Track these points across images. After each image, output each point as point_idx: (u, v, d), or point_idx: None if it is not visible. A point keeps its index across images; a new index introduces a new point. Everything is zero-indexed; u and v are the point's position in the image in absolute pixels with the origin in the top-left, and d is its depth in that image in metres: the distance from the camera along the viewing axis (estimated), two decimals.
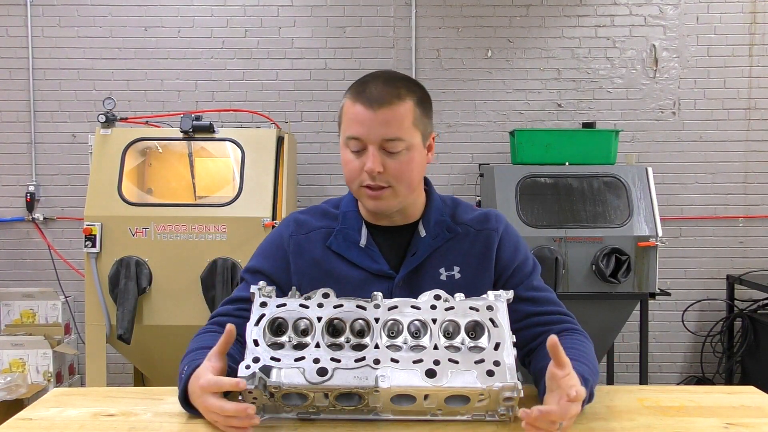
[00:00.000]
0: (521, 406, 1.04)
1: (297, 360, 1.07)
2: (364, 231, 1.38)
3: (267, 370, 1.05)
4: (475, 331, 1.12)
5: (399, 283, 1.34)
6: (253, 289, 1.17)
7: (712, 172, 4.19)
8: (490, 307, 1.14)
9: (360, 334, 1.12)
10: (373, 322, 1.12)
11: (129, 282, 3.06)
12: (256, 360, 1.07)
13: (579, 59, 4.18)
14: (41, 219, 4.14)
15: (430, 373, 1.05)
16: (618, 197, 3.41)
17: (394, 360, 1.07)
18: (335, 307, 1.14)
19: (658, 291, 3.33)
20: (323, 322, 1.12)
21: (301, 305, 1.14)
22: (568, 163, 3.48)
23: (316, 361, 1.06)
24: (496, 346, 1.09)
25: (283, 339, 1.11)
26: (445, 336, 1.11)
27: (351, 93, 1.31)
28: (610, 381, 3.86)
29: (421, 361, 1.07)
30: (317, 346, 1.09)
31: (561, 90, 4.18)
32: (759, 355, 3.86)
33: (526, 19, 4.18)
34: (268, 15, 4.17)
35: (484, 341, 1.10)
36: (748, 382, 3.74)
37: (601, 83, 4.18)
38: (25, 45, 4.13)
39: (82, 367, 3.88)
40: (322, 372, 1.05)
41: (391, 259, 1.37)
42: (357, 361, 1.07)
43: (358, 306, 1.14)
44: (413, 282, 1.34)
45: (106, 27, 4.15)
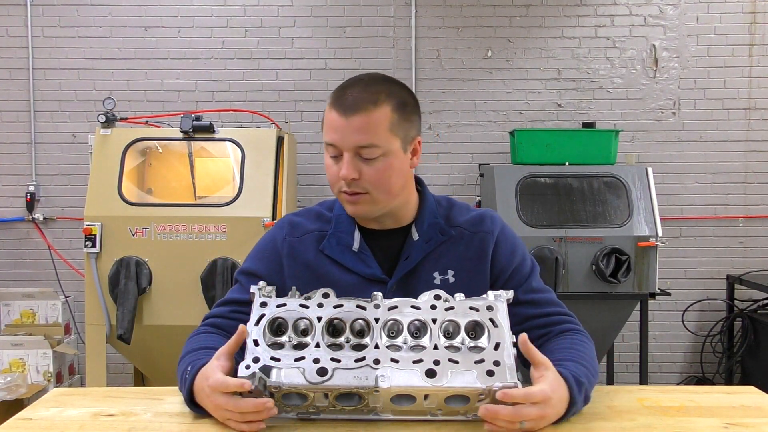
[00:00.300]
0: None
1: (297, 360, 1.07)
2: (357, 235, 1.36)
3: (267, 370, 1.05)
4: (475, 331, 1.12)
5: (392, 288, 1.32)
6: (253, 289, 1.17)
7: (712, 172, 4.19)
8: (490, 307, 1.14)
9: (360, 334, 1.12)
10: (373, 322, 1.12)
11: (129, 282, 3.06)
12: (256, 360, 1.07)
13: (579, 59, 4.18)
14: (41, 219, 4.14)
15: (430, 373, 1.05)
16: (618, 197, 3.41)
17: (394, 360, 1.07)
18: (335, 307, 1.14)
19: (658, 291, 3.33)
20: (323, 322, 1.12)
21: (301, 305, 1.14)
22: (568, 163, 3.49)
23: (316, 361, 1.06)
24: (496, 346, 1.09)
25: (283, 339, 1.11)
26: (445, 336, 1.11)
27: (331, 98, 1.30)
28: (610, 381, 3.86)
29: (421, 361, 1.07)
30: (317, 346, 1.09)
31: (561, 90, 4.18)
32: (759, 355, 3.86)
33: (526, 19, 4.18)
34: (268, 15, 4.17)
35: (484, 341, 1.10)
36: (748, 382, 3.74)
37: (601, 83, 4.18)
38: (25, 45, 4.13)
39: (82, 367, 3.88)
40: (322, 372, 1.05)
41: (384, 264, 1.35)
42: (357, 361, 1.07)
43: (358, 306, 1.14)
44: (407, 286, 1.32)
45: (106, 27, 4.15)
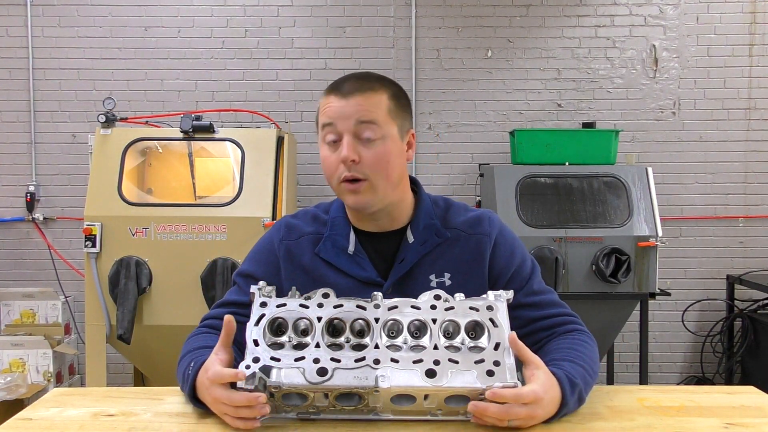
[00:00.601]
0: None
1: (297, 360, 1.07)
2: (353, 237, 1.36)
3: (267, 370, 1.05)
4: (475, 331, 1.12)
5: (388, 291, 1.31)
6: (253, 289, 1.17)
7: (712, 172, 4.19)
8: (490, 307, 1.14)
9: (360, 334, 1.12)
10: (373, 322, 1.12)
11: (129, 282, 3.06)
12: (256, 360, 1.07)
13: (579, 59, 4.18)
14: (41, 219, 4.14)
15: (430, 373, 1.05)
16: (618, 197, 3.41)
17: (394, 360, 1.07)
18: (335, 307, 1.14)
19: (658, 291, 3.33)
20: (323, 322, 1.12)
21: (301, 305, 1.14)
22: (568, 163, 3.48)
23: (316, 361, 1.06)
24: (496, 346, 1.09)
25: (283, 339, 1.11)
26: (445, 336, 1.11)
27: (325, 91, 1.33)
28: (610, 381, 3.86)
29: (421, 361, 1.07)
30: (317, 346, 1.09)
31: (561, 90, 4.18)
32: (759, 355, 3.86)
33: (526, 19, 4.18)
34: (268, 15, 4.17)
35: (484, 341, 1.10)
36: (748, 382, 3.74)
37: (601, 83, 4.18)
38: (25, 45, 4.13)
39: (82, 367, 3.88)
40: (322, 372, 1.05)
41: (379, 266, 1.34)
42: (357, 361, 1.06)
43: (358, 306, 1.14)
44: (402, 289, 1.31)
45: (106, 27, 4.15)
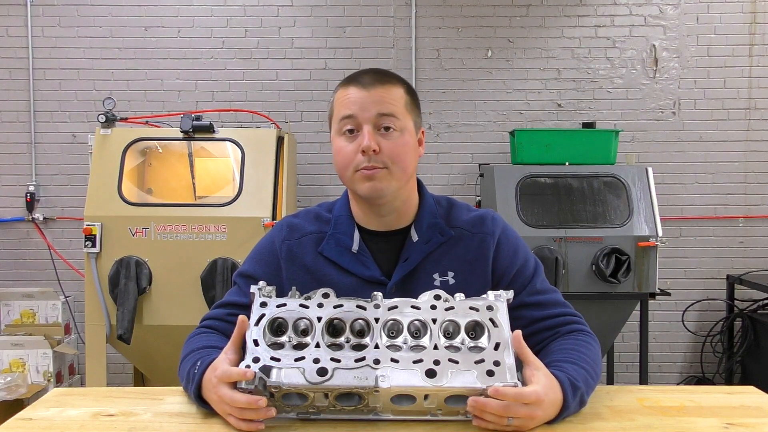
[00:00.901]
0: None
1: (297, 360, 1.07)
2: (357, 236, 1.35)
3: (267, 370, 1.05)
4: (475, 331, 1.12)
5: (391, 290, 1.31)
6: (253, 289, 1.17)
7: (712, 172, 4.19)
8: (490, 307, 1.14)
9: (360, 334, 1.12)
10: (373, 322, 1.12)
11: (129, 282, 3.06)
12: (256, 360, 1.07)
13: (579, 59, 4.18)
14: (41, 219, 4.14)
15: (430, 373, 1.05)
16: (618, 197, 3.41)
17: (394, 360, 1.07)
18: (335, 307, 1.14)
19: (658, 291, 3.33)
20: (323, 322, 1.12)
21: (301, 305, 1.14)
22: (568, 163, 3.48)
23: (316, 361, 1.06)
24: (496, 346, 1.09)
25: (283, 339, 1.11)
26: (445, 336, 1.11)
27: (342, 84, 1.34)
28: (610, 381, 3.85)
29: (421, 361, 1.07)
30: (317, 346, 1.09)
31: (561, 90, 4.18)
32: (759, 355, 3.86)
33: (526, 19, 4.18)
34: (268, 15, 4.17)
35: (484, 341, 1.10)
36: (748, 382, 3.74)
37: (601, 83, 4.18)
38: (25, 45, 4.13)
39: (82, 367, 3.88)
40: (322, 372, 1.05)
41: (383, 265, 1.34)
42: (357, 361, 1.06)
43: (358, 306, 1.14)
44: (406, 288, 1.31)
45: (106, 27, 4.15)
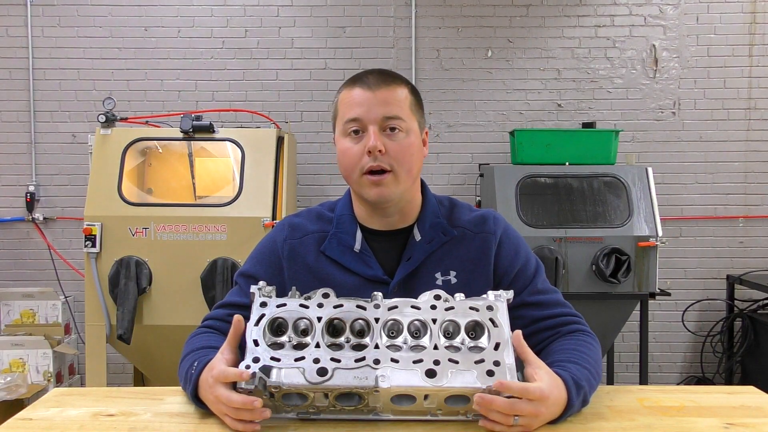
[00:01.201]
0: None
1: (297, 360, 1.07)
2: (359, 235, 1.36)
3: (267, 370, 1.05)
4: (475, 331, 1.12)
5: (394, 289, 1.32)
6: (253, 289, 1.16)
7: (712, 172, 4.19)
8: (490, 307, 1.14)
9: (360, 334, 1.11)
10: (373, 322, 1.12)
11: (129, 282, 3.06)
12: (256, 360, 1.07)
13: (579, 59, 4.18)
14: (41, 219, 4.14)
15: (430, 373, 1.05)
16: (618, 197, 3.41)
17: (394, 360, 1.07)
18: (335, 307, 1.14)
19: (658, 291, 3.33)
20: (323, 322, 1.12)
21: (301, 305, 1.14)
22: (568, 163, 3.48)
23: (316, 361, 1.06)
24: (496, 346, 1.09)
25: (283, 339, 1.11)
26: (445, 336, 1.11)
27: (346, 85, 1.33)
28: (610, 381, 3.85)
29: (421, 361, 1.07)
30: (317, 346, 1.09)
31: (561, 90, 4.18)
32: (759, 355, 3.86)
33: (526, 19, 4.18)
34: (268, 15, 4.17)
35: (484, 341, 1.10)
36: (748, 382, 3.74)
37: (601, 83, 4.18)
38: (25, 45, 4.13)
39: (82, 367, 3.88)
40: (322, 372, 1.05)
41: (386, 264, 1.35)
42: (357, 361, 1.06)
43: (358, 306, 1.14)
44: (409, 287, 1.31)
45: (106, 27, 4.15)
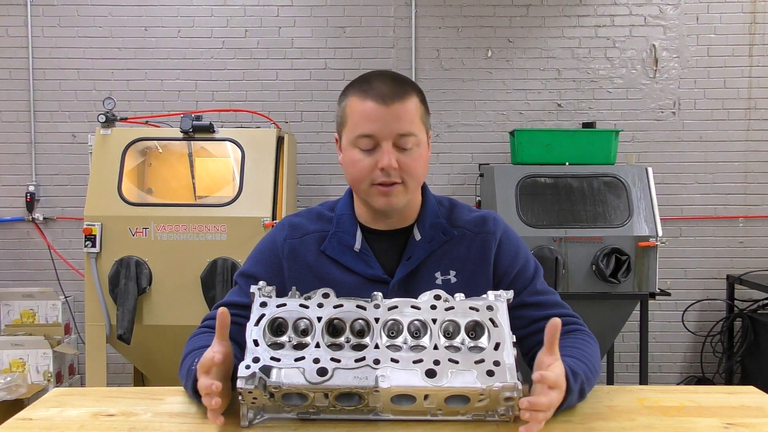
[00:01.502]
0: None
1: (297, 360, 1.07)
2: (359, 235, 1.36)
3: (267, 370, 1.05)
4: (475, 331, 1.12)
5: (394, 288, 1.32)
6: (253, 289, 1.16)
7: (712, 172, 4.19)
8: (490, 307, 1.14)
9: (360, 334, 1.11)
10: (373, 322, 1.12)
11: (129, 282, 3.06)
12: (256, 360, 1.06)
13: (579, 59, 4.18)
14: (41, 219, 4.14)
15: (430, 373, 1.05)
16: (618, 197, 3.41)
17: (394, 360, 1.07)
18: (335, 307, 1.14)
19: (658, 291, 3.33)
20: (323, 322, 1.12)
21: (301, 305, 1.14)
22: (568, 163, 3.48)
23: (316, 361, 1.06)
24: (496, 346, 1.09)
25: (283, 339, 1.11)
26: (445, 336, 1.11)
27: (356, 91, 1.28)
28: (610, 381, 3.85)
29: (421, 361, 1.07)
30: (317, 346, 1.09)
31: (561, 90, 4.18)
32: (759, 355, 3.86)
33: (526, 19, 4.18)
34: (268, 15, 4.17)
35: (484, 341, 1.10)
36: (748, 382, 3.74)
37: (601, 83, 4.18)
38: (25, 45, 4.13)
39: (82, 367, 3.88)
40: (322, 372, 1.05)
41: (386, 264, 1.35)
42: (357, 361, 1.06)
43: (358, 306, 1.14)
44: (409, 287, 1.32)
45: (106, 27, 4.15)
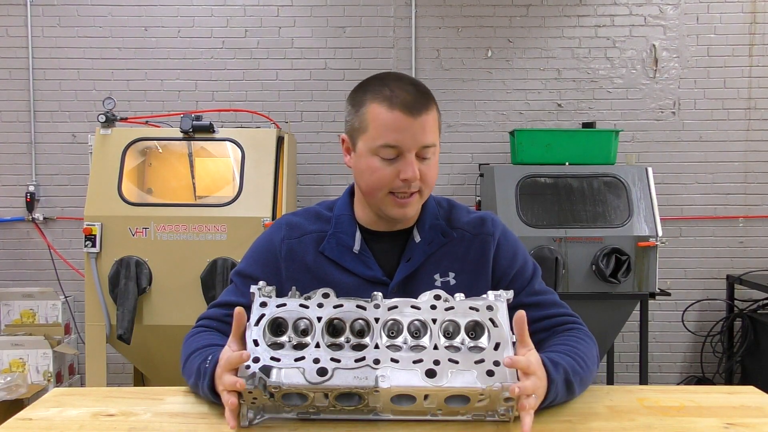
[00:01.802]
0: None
1: (297, 360, 1.07)
2: (358, 236, 1.36)
3: (267, 370, 1.05)
4: (475, 331, 1.12)
5: (393, 290, 1.32)
6: (253, 289, 1.16)
7: (712, 172, 4.19)
8: (490, 307, 1.14)
9: (360, 334, 1.11)
10: (373, 322, 1.11)
11: (129, 282, 3.06)
12: (256, 360, 1.06)
13: (579, 59, 4.18)
14: (41, 219, 4.14)
15: (430, 373, 1.05)
16: (618, 197, 3.41)
17: (394, 360, 1.07)
18: (335, 307, 1.13)
19: (658, 291, 3.33)
20: (323, 322, 1.12)
21: (301, 305, 1.14)
22: (568, 163, 3.48)
23: (316, 361, 1.06)
24: (496, 346, 1.09)
25: (283, 339, 1.11)
26: (445, 336, 1.11)
27: (378, 98, 1.25)
28: (610, 381, 3.86)
29: (421, 361, 1.06)
30: (317, 346, 1.09)
31: (561, 90, 4.18)
32: (759, 355, 3.86)
33: (526, 19, 4.18)
34: (268, 15, 4.17)
35: (484, 341, 1.10)
36: (748, 382, 3.74)
37: (601, 83, 4.18)
38: (25, 45, 4.13)
39: (82, 367, 3.88)
40: (322, 372, 1.05)
41: (385, 265, 1.35)
42: (357, 361, 1.06)
43: (358, 306, 1.14)
44: (408, 289, 1.31)
45: (106, 27, 4.15)
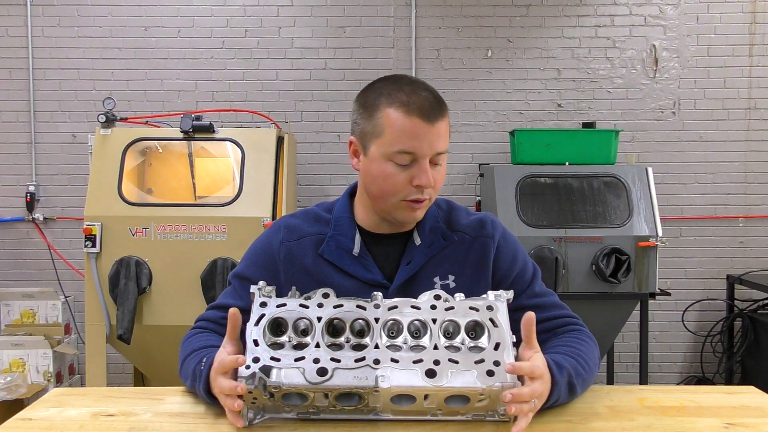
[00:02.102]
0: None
1: (297, 360, 1.07)
2: (358, 239, 1.35)
3: (267, 370, 1.05)
4: (475, 331, 1.12)
5: (393, 293, 1.31)
6: (253, 289, 1.16)
7: (712, 172, 4.19)
8: (490, 307, 1.14)
9: (360, 334, 1.11)
10: (373, 322, 1.12)
11: (129, 282, 3.06)
12: (256, 360, 1.06)
13: (579, 59, 4.18)
14: (41, 219, 4.14)
15: (430, 373, 1.05)
16: (618, 197, 3.41)
17: (394, 360, 1.07)
18: (335, 307, 1.14)
19: (658, 291, 3.33)
20: (323, 322, 1.12)
21: (301, 305, 1.14)
22: (568, 163, 3.48)
23: (316, 361, 1.06)
24: (496, 346, 1.09)
25: (283, 339, 1.11)
26: (445, 336, 1.11)
27: (394, 103, 1.24)
28: (610, 381, 3.86)
29: (421, 361, 1.07)
30: (317, 346, 1.09)
31: (561, 90, 4.18)
32: (759, 355, 3.86)
33: (526, 19, 4.18)
34: (268, 15, 4.17)
35: (484, 341, 1.10)
36: (748, 382, 3.74)
37: (601, 83, 4.18)
38: (25, 45, 4.13)
39: (82, 367, 3.88)
40: (322, 372, 1.05)
41: (385, 268, 1.34)
42: (357, 361, 1.06)
43: (358, 306, 1.14)
44: (408, 292, 1.30)
45: (106, 27, 4.15)
